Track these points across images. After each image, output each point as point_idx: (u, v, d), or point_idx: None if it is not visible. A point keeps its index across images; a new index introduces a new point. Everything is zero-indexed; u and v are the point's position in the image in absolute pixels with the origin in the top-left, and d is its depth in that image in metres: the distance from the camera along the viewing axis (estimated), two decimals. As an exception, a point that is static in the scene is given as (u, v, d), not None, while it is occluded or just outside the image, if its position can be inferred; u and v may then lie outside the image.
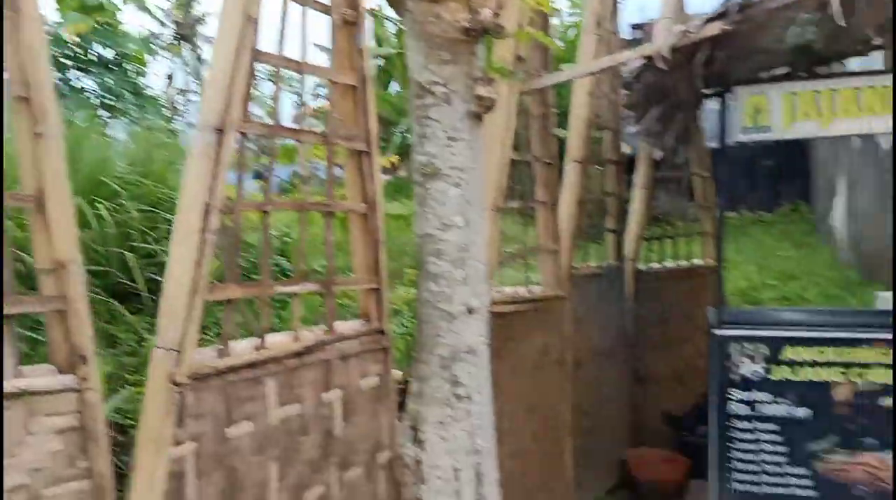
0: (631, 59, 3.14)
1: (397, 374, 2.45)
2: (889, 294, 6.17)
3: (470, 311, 2.41)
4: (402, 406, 2.47)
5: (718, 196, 3.65)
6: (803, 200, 14.98)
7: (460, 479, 2.37)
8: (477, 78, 2.40)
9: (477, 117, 2.45)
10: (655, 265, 5.14)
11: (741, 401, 3.38)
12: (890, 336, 3.17)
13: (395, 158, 9.18)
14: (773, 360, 3.33)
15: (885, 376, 3.16)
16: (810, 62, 4.00)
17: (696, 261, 5.40)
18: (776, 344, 3.32)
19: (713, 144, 3.63)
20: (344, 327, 2.03)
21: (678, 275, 5.17)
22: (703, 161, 5.20)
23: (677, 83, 3.38)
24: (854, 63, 4.06)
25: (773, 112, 3.27)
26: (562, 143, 4.00)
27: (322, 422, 1.87)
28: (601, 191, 4.53)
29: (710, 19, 2.90)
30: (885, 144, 8.10)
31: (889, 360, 3.15)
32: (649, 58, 2.97)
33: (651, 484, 4.35)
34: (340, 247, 2.43)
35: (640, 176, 4.95)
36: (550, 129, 3.45)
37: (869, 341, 3.18)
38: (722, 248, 3.62)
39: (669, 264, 5.19)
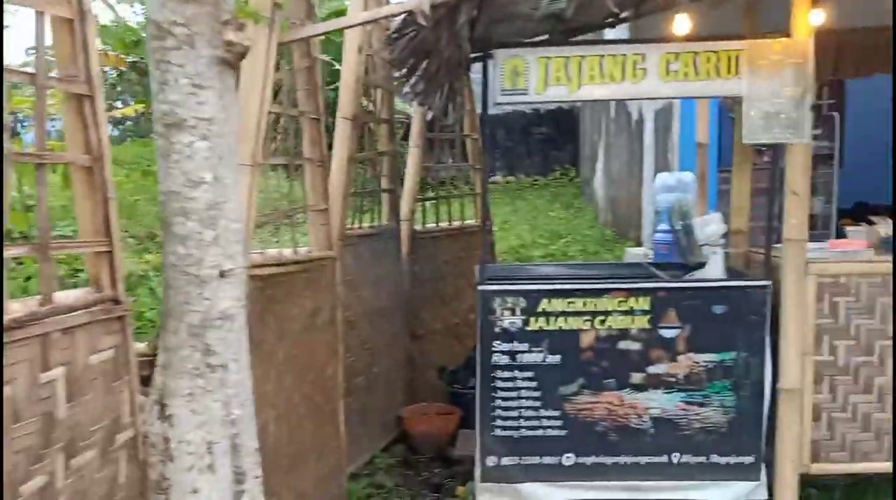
0: (393, 14, 3.11)
1: (140, 346, 2.26)
2: (637, 249, 6.86)
3: (222, 274, 2.27)
4: (150, 381, 2.29)
5: (482, 159, 3.76)
6: (572, 165, 16.23)
7: (214, 452, 2.25)
8: (225, 21, 2.23)
9: (227, 65, 2.29)
10: (431, 225, 5.27)
11: (503, 352, 3.56)
12: (628, 286, 3.50)
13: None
14: (531, 312, 3.54)
15: (622, 323, 3.48)
16: (567, 31, 4.26)
17: (470, 221, 5.61)
18: (533, 297, 3.53)
19: (481, 107, 3.74)
20: (66, 296, 1.81)
21: (453, 234, 5.33)
22: (473, 124, 5.38)
23: (442, 42, 3.41)
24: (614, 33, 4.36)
25: (530, 76, 3.43)
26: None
27: (40, 405, 1.67)
28: (375, 150, 4.52)
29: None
30: (635, 114, 8.97)
31: (625, 307, 3.47)
32: (412, 13, 2.95)
33: (425, 437, 4.50)
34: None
35: (414, 136, 5.01)
36: (317, 83, 3.34)
37: (608, 291, 3.49)
38: (487, 208, 3.76)
39: (444, 224, 5.34)
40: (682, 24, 3.06)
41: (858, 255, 3.40)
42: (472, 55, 3.73)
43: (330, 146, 3.67)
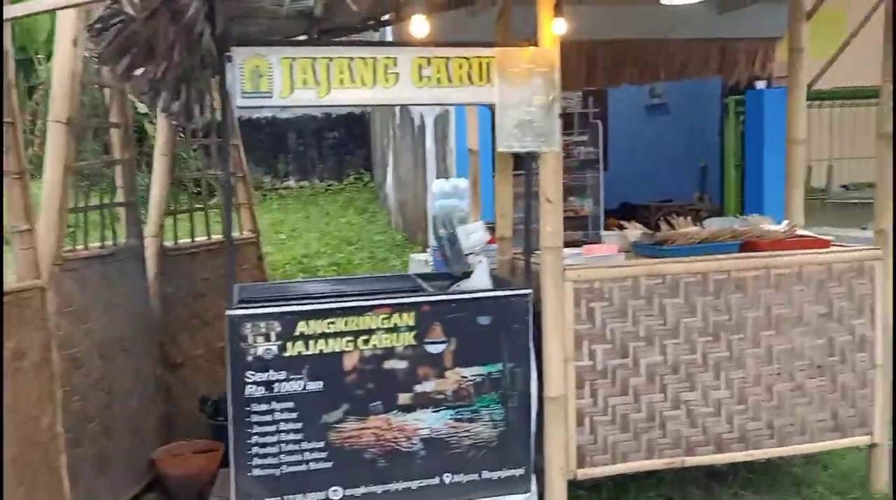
0: (93, 1, 2.64)
1: None
2: (420, 256, 6.76)
3: None
4: None
5: (223, 165, 3.37)
6: (367, 170, 16.08)
7: None
8: None
9: None
10: (186, 240, 4.75)
11: (258, 382, 3.20)
12: (391, 302, 3.29)
13: None
14: (288, 336, 3.22)
15: (387, 341, 3.27)
16: (325, 32, 3.98)
17: (234, 234, 5.15)
18: (289, 320, 3.22)
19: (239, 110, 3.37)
20: None
21: (213, 249, 4.85)
22: (235, 129, 4.94)
23: (168, 38, 2.98)
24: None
25: (274, 78, 3.10)
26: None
27: None
28: (104, 158, 3.95)
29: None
30: (417, 119, 8.95)
31: (389, 324, 3.26)
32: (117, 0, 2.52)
33: (182, 480, 4.01)
34: None
35: (159, 144, 4.48)
36: (7, 79, 2.77)
37: (371, 308, 3.26)
38: (230, 222, 3.37)
39: (202, 238, 4.85)
40: (419, 25, 2.89)
41: (611, 260, 3.46)
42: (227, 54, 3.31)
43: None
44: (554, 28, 3.08)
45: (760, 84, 6.50)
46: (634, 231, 3.74)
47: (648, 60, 4.84)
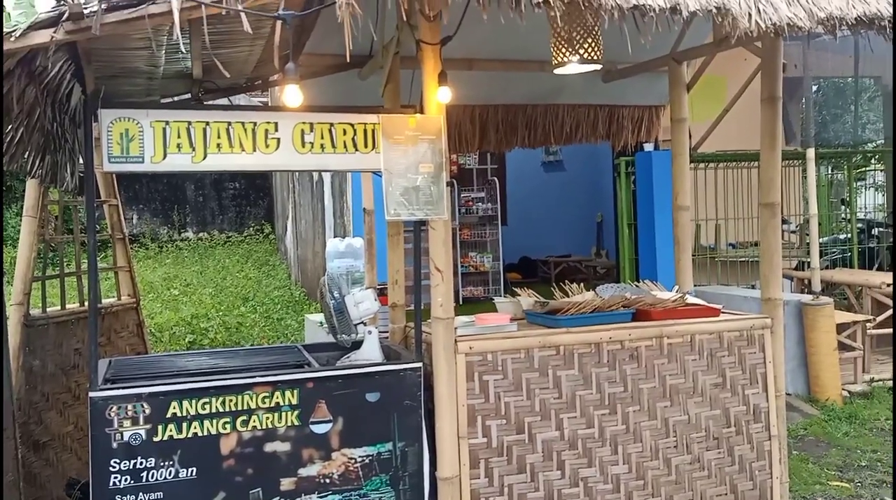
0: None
1: None
2: (316, 316, 6.53)
3: None
4: None
5: (89, 229, 3.11)
6: (268, 221, 15.70)
7: None
8: None
9: None
10: (56, 309, 4.38)
11: (124, 471, 2.91)
12: (272, 379, 3.09)
13: None
14: (158, 419, 2.95)
15: (268, 422, 3.05)
16: (210, 92, 3.82)
17: (111, 299, 4.81)
18: (160, 400, 2.95)
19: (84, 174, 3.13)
20: None
21: (85, 317, 4.49)
22: (110, 188, 4.65)
23: (28, 98, 2.74)
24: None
25: (145, 141, 2.89)
26: None
27: None
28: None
29: (36, 26, 2.35)
30: (315, 174, 8.79)
31: (271, 403, 3.05)
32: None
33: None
34: None
35: (27, 203, 4.14)
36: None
37: (251, 387, 3.04)
38: (97, 288, 3.08)
39: (74, 305, 4.48)
40: (292, 95, 2.78)
41: (504, 329, 3.38)
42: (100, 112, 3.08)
43: None
44: (439, 96, 3.03)
45: (648, 146, 6.75)
46: (528, 299, 3.69)
47: (539, 124, 4.91)
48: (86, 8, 2.33)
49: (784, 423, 3.71)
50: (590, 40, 3.48)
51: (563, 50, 3.55)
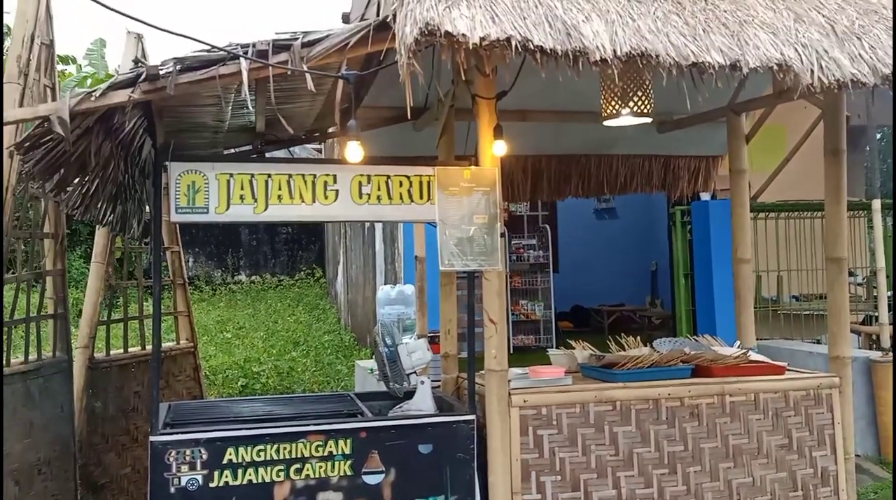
0: (27, 119, 2.53)
1: None
2: (366, 362, 6.54)
3: None
4: None
5: (154, 275, 3.20)
6: (319, 265, 15.92)
7: None
8: None
9: None
10: (118, 352, 4.50)
11: (180, 516, 2.94)
12: (326, 427, 3.10)
13: None
14: (215, 464, 2.98)
15: (321, 471, 3.05)
16: (266, 142, 3.93)
17: (170, 343, 4.93)
18: (217, 446, 2.99)
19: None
20: None
21: (146, 360, 4.60)
22: (173, 235, 4.80)
23: (104, 153, 2.87)
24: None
25: (210, 193, 3.00)
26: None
27: None
28: (35, 269, 3.75)
29: (115, 86, 2.48)
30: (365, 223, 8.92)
31: (324, 452, 3.06)
32: (47, 119, 2.41)
33: None
34: None
35: (96, 249, 4.30)
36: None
37: (304, 435, 3.05)
38: (159, 332, 3.15)
39: (135, 348, 4.60)
40: (354, 152, 2.84)
41: (558, 383, 3.33)
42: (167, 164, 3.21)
43: None
44: (495, 149, 3.06)
45: (705, 195, 6.65)
46: (583, 351, 3.64)
47: (592, 174, 4.90)
48: (161, 69, 2.45)
49: (854, 487, 3.54)
50: (640, 93, 3.48)
51: (613, 103, 3.56)
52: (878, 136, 9.62)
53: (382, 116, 4.08)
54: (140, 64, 2.55)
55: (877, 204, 6.18)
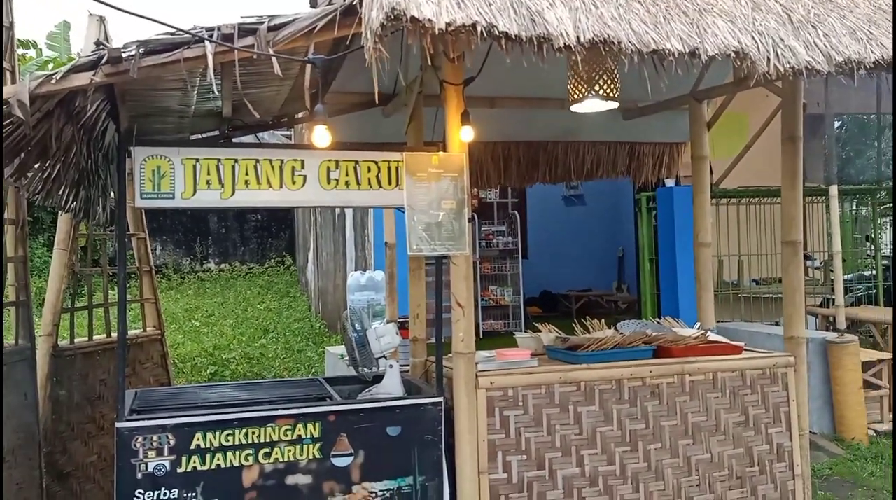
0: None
1: None
2: (336, 348, 6.56)
3: None
4: None
5: (119, 261, 3.18)
6: (289, 253, 15.83)
7: None
8: None
9: None
10: (83, 339, 4.46)
11: (148, 503, 2.94)
12: (295, 411, 3.12)
13: None
14: (182, 450, 2.99)
15: (290, 454, 3.07)
16: (233, 128, 3.91)
17: (137, 330, 4.89)
18: (185, 431, 2.99)
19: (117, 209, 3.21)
20: None
21: (111, 348, 4.57)
22: (139, 221, 4.75)
23: (65, 138, 2.84)
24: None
25: (176, 178, 2.98)
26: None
27: None
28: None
29: (77, 69, 2.45)
30: (339, 208, 8.91)
31: (292, 436, 3.08)
32: (6, 103, 2.38)
33: None
34: None
35: (59, 235, 4.25)
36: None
37: (273, 419, 3.07)
38: (125, 321, 3.14)
39: (101, 336, 4.56)
40: (321, 136, 2.85)
41: (524, 365, 3.39)
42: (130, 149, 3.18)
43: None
44: (462, 135, 3.09)
45: (670, 182, 6.77)
46: (548, 334, 3.71)
47: (559, 161, 4.97)
48: (124, 52, 2.43)
49: (808, 462, 3.66)
50: (605, 77, 3.53)
51: (580, 87, 3.60)
52: (837, 124, 9.85)
53: (351, 101, 4.09)
54: (102, 46, 2.51)
55: (834, 190, 6.35)
